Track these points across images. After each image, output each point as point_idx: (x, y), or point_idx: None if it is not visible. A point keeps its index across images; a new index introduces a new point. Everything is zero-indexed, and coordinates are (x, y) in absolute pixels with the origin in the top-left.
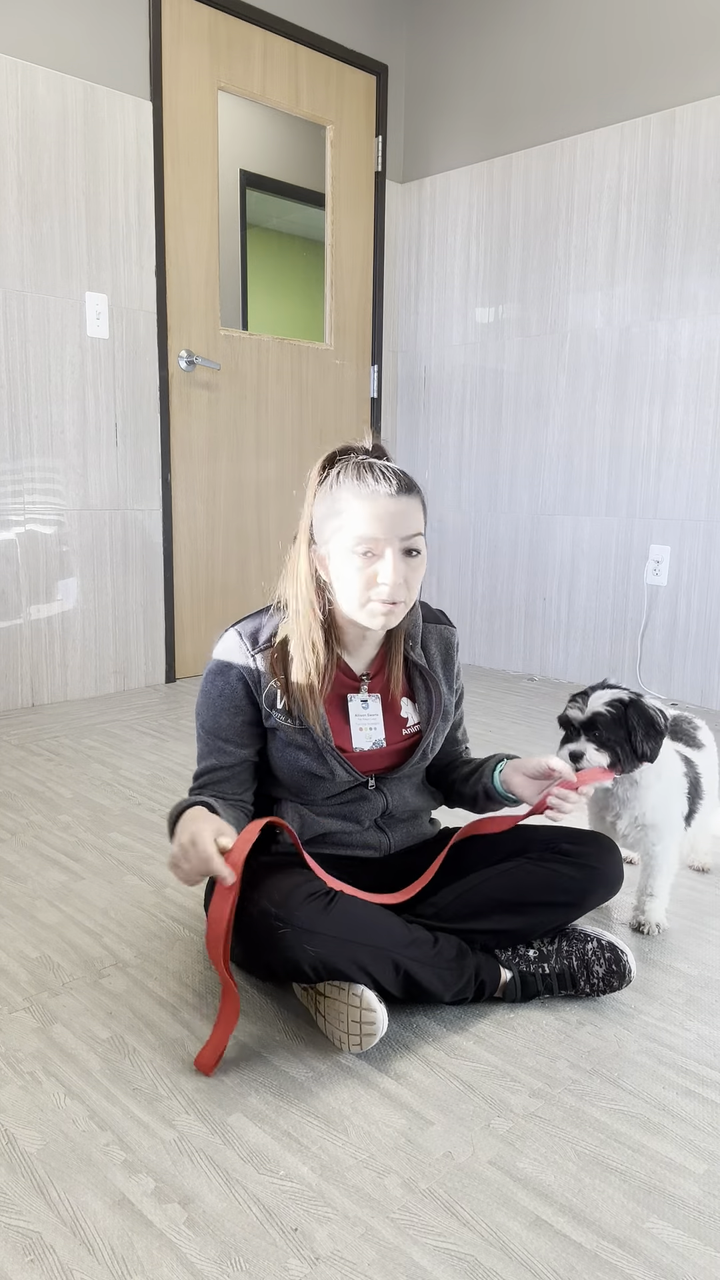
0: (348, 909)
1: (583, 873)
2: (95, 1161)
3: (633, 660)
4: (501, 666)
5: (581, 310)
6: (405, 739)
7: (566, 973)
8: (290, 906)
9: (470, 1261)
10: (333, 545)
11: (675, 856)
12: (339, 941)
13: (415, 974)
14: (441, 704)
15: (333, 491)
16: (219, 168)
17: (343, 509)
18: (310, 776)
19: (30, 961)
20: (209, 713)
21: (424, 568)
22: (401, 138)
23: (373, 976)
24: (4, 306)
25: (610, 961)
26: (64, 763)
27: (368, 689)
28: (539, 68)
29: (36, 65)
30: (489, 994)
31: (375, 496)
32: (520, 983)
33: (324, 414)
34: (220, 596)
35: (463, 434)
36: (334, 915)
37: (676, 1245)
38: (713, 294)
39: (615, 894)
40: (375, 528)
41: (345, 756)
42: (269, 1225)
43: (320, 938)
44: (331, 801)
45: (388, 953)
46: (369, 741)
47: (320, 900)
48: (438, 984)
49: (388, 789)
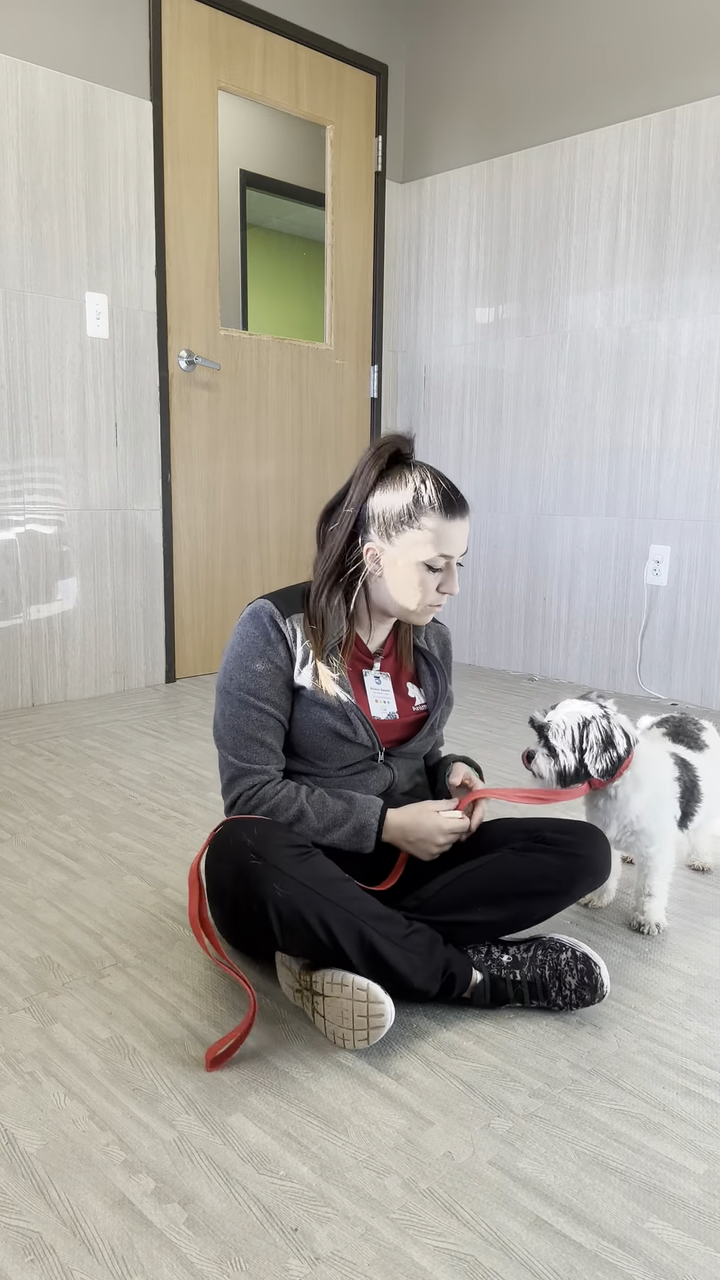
0: (322, 864)
1: (568, 861)
2: (95, 1161)
3: (633, 660)
4: (501, 666)
5: (581, 310)
6: (414, 714)
7: (539, 982)
8: (268, 844)
9: (470, 1261)
10: (404, 549)
11: (669, 857)
12: (308, 891)
13: (381, 950)
14: (446, 689)
15: (421, 503)
16: (219, 168)
17: (427, 524)
18: (333, 736)
19: (30, 961)
20: (246, 674)
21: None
22: (401, 138)
23: (337, 940)
24: (4, 306)
25: (583, 974)
26: (64, 763)
27: (380, 666)
28: (539, 68)
29: (36, 65)
30: (459, 991)
31: (455, 524)
32: (490, 986)
33: (324, 414)
34: (220, 596)
35: (463, 434)
36: (307, 864)
37: (676, 1245)
38: (713, 294)
39: (602, 882)
40: (455, 549)
41: (367, 717)
42: (269, 1225)
43: (290, 880)
44: (344, 771)
45: (356, 920)
46: (384, 712)
47: (296, 849)
48: (404, 965)
49: (395, 764)
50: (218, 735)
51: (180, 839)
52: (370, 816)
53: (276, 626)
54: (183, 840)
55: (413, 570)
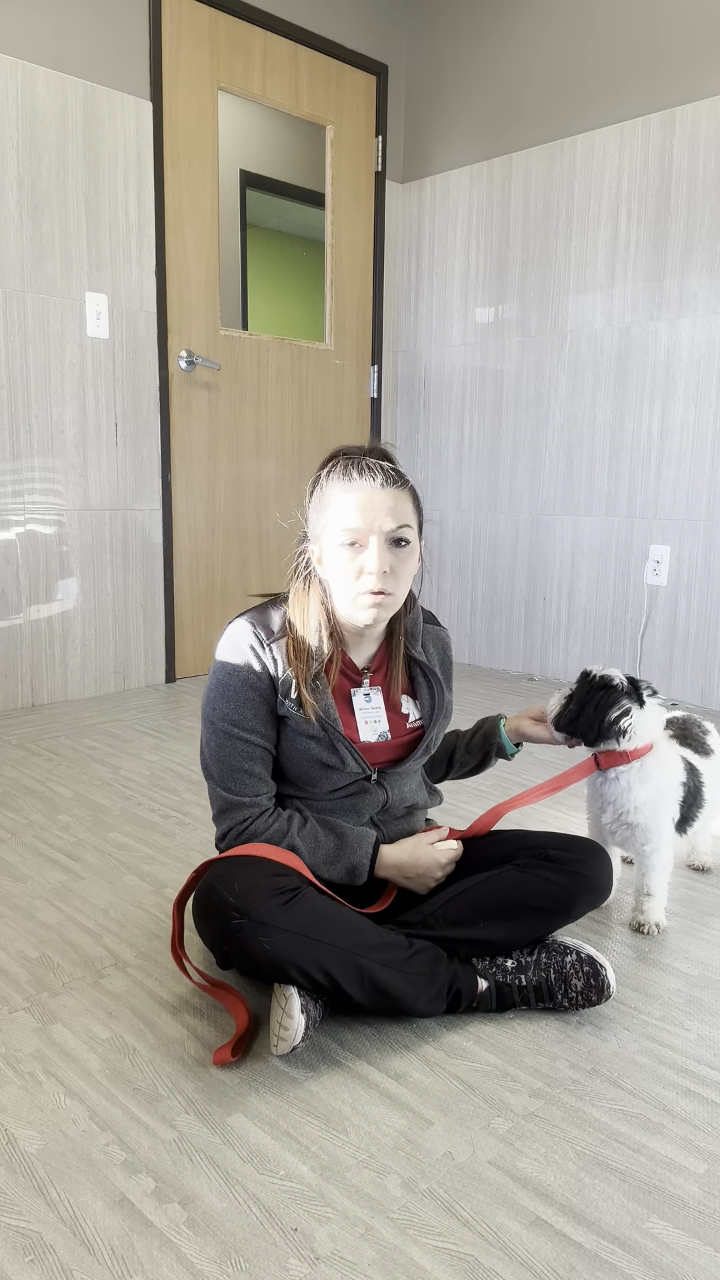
0: (310, 905)
1: (570, 879)
2: (95, 1161)
3: (633, 660)
4: (501, 666)
5: (581, 310)
6: (408, 733)
7: (544, 985)
8: (249, 898)
9: (470, 1261)
10: (324, 540)
11: (667, 857)
12: (297, 937)
13: (381, 979)
14: (444, 701)
15: (323, 487)
16: (219, 168)
17: (329, 503)
18: (320, 766)
19: (30, 961)
20: (230, 704)
21: (415, 560)
22: (401, 138)
23: (336, 981)
24: (4, 307)
25: (589, 975)
26: (64, 763)
27: (369, 682)
28: (539, 68)
29: (36, 65)
30: (465, 1005)
31: (359, 489)
32: (496, 993)
33: (324, 414)
34: (220, 596)
35: (463, 434)
36: (294, 911)
37: (676, 1245)
38: (713, 294)
39: (604, 901)
40: (359, 519)
41: (355, 746)
42: (269, 1225)
43: (278, 932)
44: (335, 795)
45: (352, 955)
46: (374, 734)
47: (282, 895)
48: (407, 989)
49: (389, 783)
50: (205, 766)
51: (180, 839)
52: (362, 857)
53: (257, 656)
54: (183, 840)
55: (333, 556)
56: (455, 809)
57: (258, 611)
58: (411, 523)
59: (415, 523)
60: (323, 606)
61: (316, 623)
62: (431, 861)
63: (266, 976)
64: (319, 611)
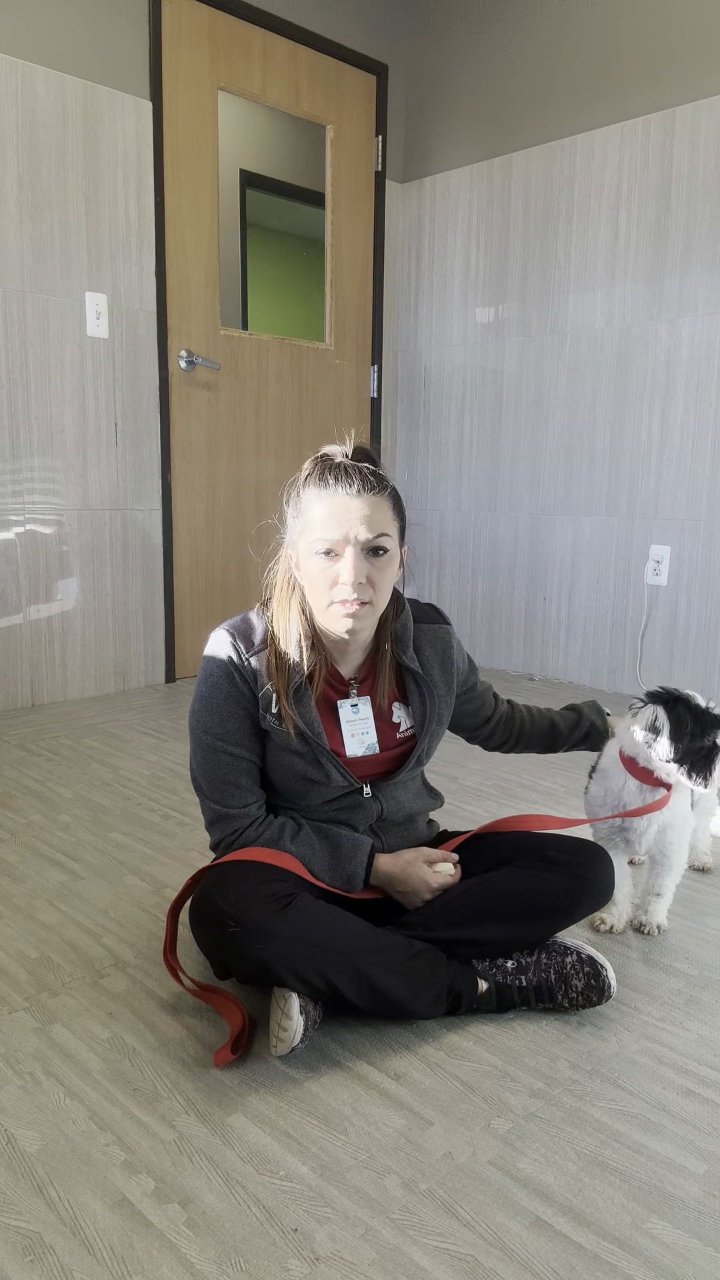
0: (307, 911)
1: (571, 882)
2: (95, 1162)
3: (633, 660)
4: (502, 666)
5: (581, 310)
6: (399, 743)
7: (544, 986)
8: (243, 906)
9: (470, 1262)
10: (300, 547)
11: (685, 858)
12: (294, 943)
13: (380, 982)
14: (436, 708)
15: (300, 492)
16: (219, 168)
17: (304, 510)
18: (305, 781)
19: (30, 961)
20: (213, 718)
21: (395, 568)
22: (401, 138)
23: (335, 986)
24: (4, 306)
25: (590, 976)
26: (64, 763)
27: (357, 691)
28: (539, 67)
29: (36, 65)
30: (465, 1006)
31: (334, 496)
32: (496, 994)
33: (324, 414)
34: (220, 596)
35: (463, 434)
36: (290, 916)
37: (676, 1245)
38: (713, 294)
39: (605, 903)
40: (333, 527)
41: (340, 760)
42: (269, 1225)
43: (274, 939)
44: (327, 807)
45: (350, 959)
46: (362, 747)
47: (277, 902)
48: (405, 991)
49: (383, 795)
50: (194, 779)
51: (180, 839)
52: (357, 867)
53: (237, 669)
54: (183, 840)
55: (309, 565)
56: (456, 809)
57: (241, 620)
58: (390, 530)
59: (395, 530)
60: (303, 615)
61: (298, 634)
62: (422, 883)
63: (265, 983)
64: (300, 621)
